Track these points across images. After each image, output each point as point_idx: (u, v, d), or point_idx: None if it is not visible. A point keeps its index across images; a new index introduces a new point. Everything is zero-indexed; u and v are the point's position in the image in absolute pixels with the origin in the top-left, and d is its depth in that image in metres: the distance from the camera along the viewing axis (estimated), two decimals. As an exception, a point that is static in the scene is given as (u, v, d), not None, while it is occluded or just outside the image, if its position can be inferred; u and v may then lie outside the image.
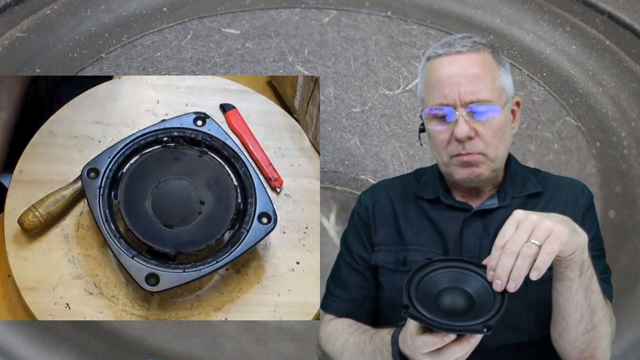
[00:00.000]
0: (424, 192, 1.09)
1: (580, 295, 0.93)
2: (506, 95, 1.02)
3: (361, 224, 1.12)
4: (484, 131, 0.99)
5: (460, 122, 0.98)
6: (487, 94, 0.99)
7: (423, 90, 1.04)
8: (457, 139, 0.99)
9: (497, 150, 1.01)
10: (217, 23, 1.86)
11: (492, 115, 0.99)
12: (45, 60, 1.74)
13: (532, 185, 1.07)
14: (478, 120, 0.99)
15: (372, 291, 1.10)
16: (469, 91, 0.99)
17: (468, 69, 0.99)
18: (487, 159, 1.01)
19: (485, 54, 1.01)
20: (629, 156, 1.72)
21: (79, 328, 1.36)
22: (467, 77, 0.99)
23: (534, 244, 0.85)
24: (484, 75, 1.00)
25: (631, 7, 1.90)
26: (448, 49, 1.01)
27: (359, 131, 1.83)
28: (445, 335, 0.84)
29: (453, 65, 1.00)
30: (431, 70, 1.02)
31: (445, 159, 1.02)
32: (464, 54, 1.00)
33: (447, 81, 0.99)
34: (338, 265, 1.13)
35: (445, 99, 0.99)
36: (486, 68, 1.00)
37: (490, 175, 1.02)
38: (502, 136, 1.01)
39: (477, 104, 0.99)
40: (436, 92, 1.00)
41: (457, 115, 0.99)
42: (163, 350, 1.35)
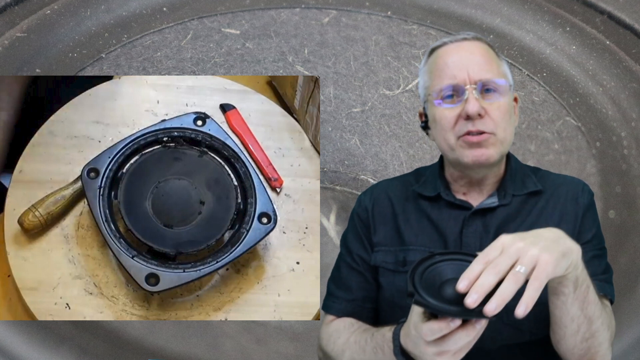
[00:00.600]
0: (424, 190, 1.09)
1: (576, 308, 0.92)
2: (509, 81, 1.05)
3: (361, 224, 1.11)
4: (493, 110, 1.01)
5: (470, 99, 1.00)
6: (494, 74, 1.02)
7: (428, 79, 1.05)
8: (468, 115, 1.00)
9: (506, 132, 1.02)
10: (217, 23, 1.86)
11: (501, 94, 1.02)
12: (45, 60, 1.74)
13: (532, 183, 1.07)
14: (487, 100, 1.01)
15: (373, 291, 1.10)
16: (477, 70, 1.01)
17: (475, 52, 1.03)
18: (497, 140, 1.01)
19: (487, 45, 1.06)
20: (629, 156, 1.72)
21: (79, 328, 1.36)
22: (474, 60, 1.02)
23: (520, 272, 0.82)
24: (490, 60, 1.03)
25: (631, 7, 1.90)
26: (453, 38, 1.05)
27: (359, 131, 1.83)
28: (451, 320, 0.83)
29: (460, 50, 1.04)
30: (437, 57, 1.05)
31: (452, 142, 1.02)
32: (469, 40, 1.05)
33: (455, 63, 1.02)
34: (338, 266, 1.13)
35: (455, 79, 1.01)
36: (490, 54, 1.04)
37: (497, 159, 1.02)
38: (508, 119, 1.02)
39: (485, 83, 1.01)
40: (444, 75, 1.02)
41: (467, 92, 1.00)
42: (163, 350, 1.35)
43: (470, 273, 0.83)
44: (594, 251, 1.05)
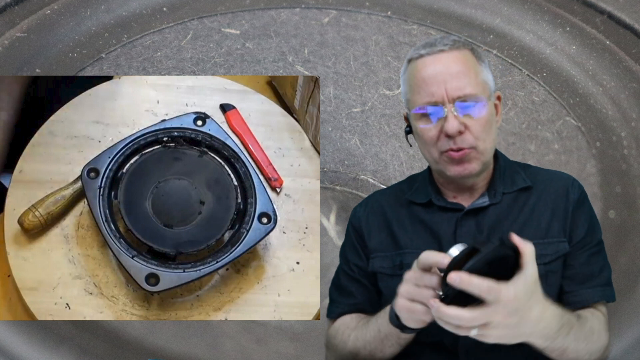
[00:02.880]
0: (416, 197, 1.10)
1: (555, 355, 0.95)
2: (489, 89, 1.04)
3: (355, 235, 1.13)
4: (473, 125, 1.01)
5: (450, 118, 1.00)
6: (472, 88, 1.01)
7: (408, 92, 1.05)
8: (448, 135, 1.00)
9: (486, 142, 1.02)
10: (217, 23, 1.86)
11: (479, 108, 1.01)
12: (45, 60, 1.74)
13: (521, 180, 1.08)
14: (466, 115, 1.01)
15: (374, 297, 1.12)
16: (455, 87, 1.00)
17: (452, 66, 1.01)
18: (477, 153, 1.02)
19: (465, 52, 1.04)
20: (629, 156, 1.72)
21: (79, 328, 1.36)
22: (451, 74, 1.01)
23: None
24: (467, 71, 1.02)
25: (631, 7, 1.89)
26: (430, 49, 1.03)
27: (359, 131, 1.82)
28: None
29: (437, 64, 1.02)
30: (415, 70, 1.04)
31: (436, 156, 1.03)
32: (446, 52, 1.03)
33: (432, 79, 1.01)
34: (338, 276, 1.15)
35: (433, 97, 1.01)
36: (468, 64, 1.03)
37: (481, 169, 1.04)
38: (489, 129, 1.03)
39: (464, 100, 1.00)
40: (422, 92, 1.02)
41: (446, 111, 1.00)
42: (163, 350, 1.35)
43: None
44: (591, 249, 1.05)
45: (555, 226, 1.05)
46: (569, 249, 1.04)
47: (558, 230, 1.04)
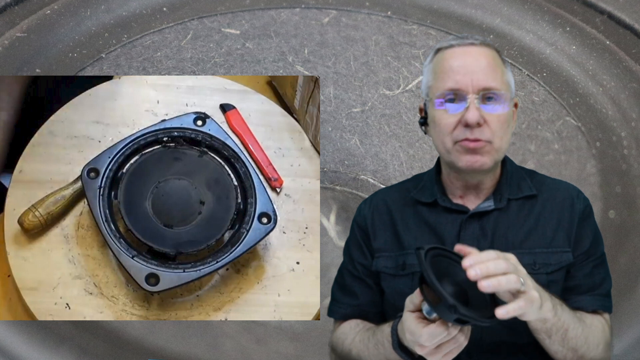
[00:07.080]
0: (421, 196, 1.10)
1: (557, 345, 0.97)
2: (511, 91, 1.05)
3: (360, 232, 1.13)
4: (492, 120, 1.01)
5: (471, 108, 1.00)
6: (497, 84, 1.02)
7: (432, 79, 1.05)
8: (467, 124, 1.00)
9: (502, 140, 1.03)
10: (217, 23, 1.86)
11: (501, 106, 1.02)
12: (45, 60, 1.74)
13: (527, 187, 1.08)
14: (488, 111, 1.01)
15: (377, 297, 1.12)
16: (481, 79, 1.01)
17: (481, 59, 1.03)
18: (492, 148, 1.02)
19: (494, 51, 1.05)
20: (629, 156, 1.72)
21: (79, 328, 1.36)
22: (480, 66, 1.02)
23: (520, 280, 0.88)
24: (495, 67, 1.03)
25: (631, 7, 1.89)
26: (461, 41, 1.05)
27: (359, 131, 1.83)
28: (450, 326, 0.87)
29: (466, 55, 1.03)
30: (443, 59, 1.04)
31: (449, 145, 1.03)
32: (476, 46, 1.04)
33: (460, 68, 1.02)
34: (342, 274, 1.15)
35: (457, 84, 1.02)
36: (496, 62, 1.04)
37: (492, 166, 1.04)
38: (506, 128, 1.03)
39: (488, 92, 1.01)
40: (448, 79, 1.02)
41: (469, 101, 1.01)
42: (163, 350, 1.35)
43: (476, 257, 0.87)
44: (594, 261, 1.06)
45: (560, 236, 1.05)
46: (572, 260, 1.04)
47: (563, 240, 1.04)
